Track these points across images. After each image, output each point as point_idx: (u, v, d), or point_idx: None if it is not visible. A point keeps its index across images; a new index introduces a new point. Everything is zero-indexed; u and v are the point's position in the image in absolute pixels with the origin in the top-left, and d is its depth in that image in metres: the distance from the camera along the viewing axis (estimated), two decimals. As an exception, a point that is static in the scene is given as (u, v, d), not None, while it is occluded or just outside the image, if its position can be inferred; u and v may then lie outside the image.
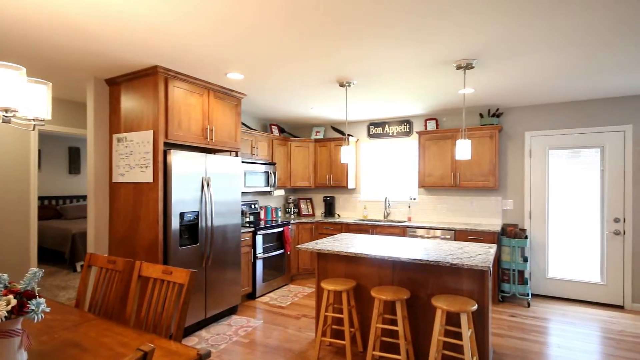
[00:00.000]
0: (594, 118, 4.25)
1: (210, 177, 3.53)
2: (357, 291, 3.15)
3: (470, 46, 2.64)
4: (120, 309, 2.06)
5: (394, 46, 2.65)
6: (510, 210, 4.69)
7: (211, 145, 3.65)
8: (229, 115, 3.88)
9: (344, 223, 5.20)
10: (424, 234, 4.61)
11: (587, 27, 2.31)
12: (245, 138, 4.78)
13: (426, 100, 4.32)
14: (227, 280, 3.76)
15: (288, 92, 3.97)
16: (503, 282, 4.27)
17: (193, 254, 3.38)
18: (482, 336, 2.62)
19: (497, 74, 3.29)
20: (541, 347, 3.12)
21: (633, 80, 3.49)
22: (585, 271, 4.30)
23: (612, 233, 4.16)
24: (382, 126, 5.56)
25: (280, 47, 2.68)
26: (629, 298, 4.07)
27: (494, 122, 4.57)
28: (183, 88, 3.34)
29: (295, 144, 5.71)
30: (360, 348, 3.05)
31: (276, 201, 5.97)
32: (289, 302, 4.28)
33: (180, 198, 3.23)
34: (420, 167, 4.95)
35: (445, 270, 2.76)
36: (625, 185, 4.09)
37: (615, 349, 3.08)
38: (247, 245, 4.30)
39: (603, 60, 2.94)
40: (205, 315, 3.50)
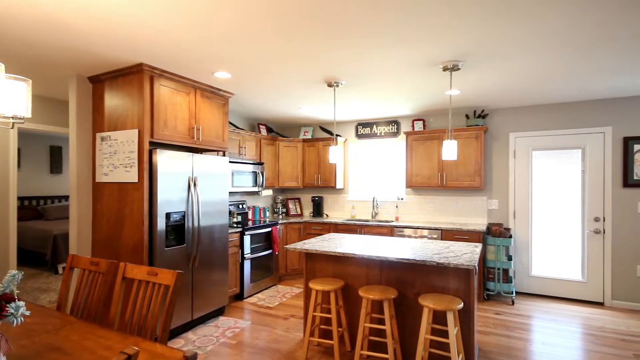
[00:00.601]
0: (575, 120, 4.36)
1: (197, 177, 3.49)
2: (345, 291, 3.15)
3: (456, 48, 2.68)
4: (104, 312, 2.02)
5: (382, 47, 2.67)
6: (495, 209, 4.77)
7: (198, 145, 3.61)
8: (217, 115, 3.84)
9: (332, 223, 5.21)
10: (412, 233, 4.66)
11: (568, 32, 2.37)
12: (232, 138, 4.74)
13: (413, 101, 4.37)
14: (214, 281, 3.72)
15: (276, 91, 3.95)
16: (488, 281, 4.35)
17: (179, 255, 3.33)
18: (468, 334, 2.65)
19: (482, 76, 3.35)
20: (525, 344, 3.19)
21: (612, 83, 3.60)
22: (567, 269, 4.41)
23: (593, 232, 4.28)
24: (370, 126, 5.59)
25: (268, 46, 2.67)
26: (609, 295, 4.19)
27: (480, 123, 4.64)
28: (169, 87, 3.29)
29: (284, 143, 5.69)
30: (348, 347, 3.06)
31: (264, 201, 5.94)
32: (277, 303, 4.26)
33: (166, 198, 3.18)
34: (408, 167, 5.00)
35: (432, 269, 2.79)
36: (605, 185, 4.21)
37: (595, 345, 3.17)
38: (234, 246, 4.27)
39: (583, 64, 3.02)
40: (191, 317, 3.46)
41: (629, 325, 3.60)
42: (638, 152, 4.06)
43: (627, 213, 4.12)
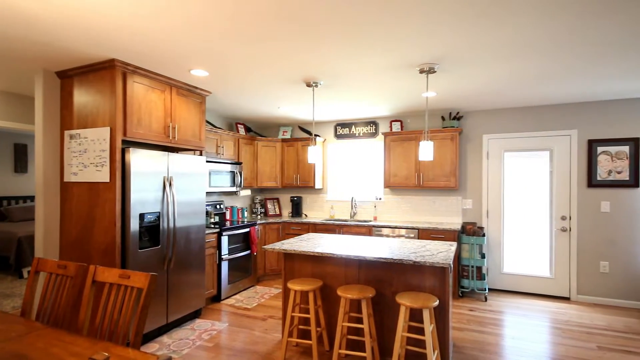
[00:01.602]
0: (544, 123, 4.55)
1: (172, 176, 3.40)
2: (323, 291, 3.16)
3: (432, 52, 2.74)
4: (72, 317, 1.93)
5: (360, 49, 2.69)
6: (469, 209, 4.91)
7: (174, 144, 3.52)
8: (193, 113, 3.76)
9: (311, 223, 5.21)
10: (390, 233, 4.72)
11: (537, 39, 2.47)
12: (210, 137, 4.66)
13: (391, 102, 4.43)
14: (190, 283, 3.64)
15: (255, 90, 3.91)
16: (463, 278, 4.47)
17: (154, 257, 3.24)
18: (443, 330, 2.72)
19: (457, 79, 3.44)
20: (497, 339, 3.29)
21: (578, 88, 3.78)
22: (536, 266, 4.60)
23: (560, 230, 4.48)
24: (348, 127, 5.63)
25: (246, 45, 2.64)
26: (574, 290, 4.40)
27: (455, 124, 4.77)
28: (143, 83, 3.19)
29: (262, 143, 5.64)
30: (326, 347, 3.07)
31: (242, 201, 5.87)
32: (255, 304, 4.22)
33: (140, 198, 3.09)
34: (386, 168, 5.07)
35: (409, 268, 2.84)
36: (571, 185, 4.42)
37: (562, 338, 3.32)
38: (211, 247, 4.19)
39: (551, 70, 3.15)
40: (166, 320, 3.37)
41: (592, 319, 3.78)
42: (601, 154, 4.28)
43: (591, 212, 4.34)
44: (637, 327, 3.57)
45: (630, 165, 4.16)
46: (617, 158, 4.22)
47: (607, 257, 4.27)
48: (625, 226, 4.19)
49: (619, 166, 4.21)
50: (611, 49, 2.67)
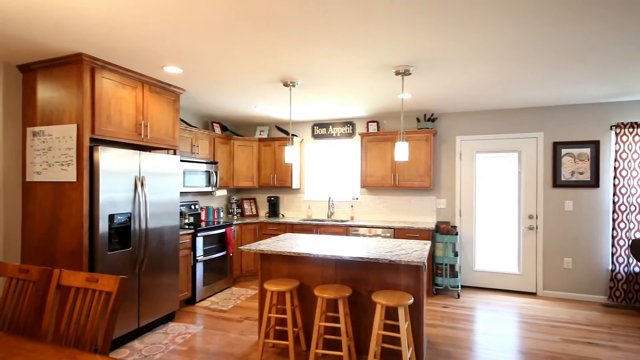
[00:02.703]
0: (513, 125, 4.74)
1: (144, 176, 3.30)
2: (300, 291, 3.15)
3: (408, 54, 2.79)
4: (35, 324, 1.83)
5: (336, 49, 2.71)
6: (443, 208, 5.04)
7: (146, 143, 3.41)
8: (167, 111, 3.66)
9: (288, 223, 5.19)
10: (366, 232, 4.77)
11: (506, 46, 2.57)
12: (184, 136, 4.55)
13: (368, 103, 4.48)
14: (163, 286, 3.54)
15: (231, 89, 3.85)
16: (437, 276, 4.58)
17: (125, 259, 3.12)
18: (418, 327, 2.77)
19: (432, 81, 3.52)
20: (469, 334, 3.40)
21: (544, 93, 3.95)
22: (505, 263, 4.78)
23: (527, 228, 4.67)
24: (326, 127, 5.65)
25: (221, 42, 2.59)
26: (540, 286, 4.60)
27: (429, 126, 4.88)
28: (113, 79, 3.07)
29: (239, 143, 5.57)
30: (303, 347, 3.06)
31: (218, 201, 5.77)
32: (231, 306, 4.15)
33: (110, 199, 2.97)
34: (363, 168, 5.12)
35: (385, 266, 2.88)
36: (538, 185, 4.62)
37: (529, 332, 3.46)
38: (186, 248, 4.09)
39: (519, 75, 3.29)
40: (138, 325, 3.26)
41: (557, 313, 3.97)
42: (565, 156, 4.50)
43: (556, 211, 4.55)
44: (598, 319, 3.78)
45: (592, 166, 4.40)
46: (579, 160, 4.45)
47: (571, 253, 4.49)
48: (587, 224, 4.43)
49: (581, 167, 4.44)
50: (573, 57, 2.81)
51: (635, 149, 4.14)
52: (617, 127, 4.21)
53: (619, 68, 3.09)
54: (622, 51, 2.71)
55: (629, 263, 4.17)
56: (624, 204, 4.18)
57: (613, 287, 4.23)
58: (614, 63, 2.97)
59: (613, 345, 3.16)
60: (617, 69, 3.11)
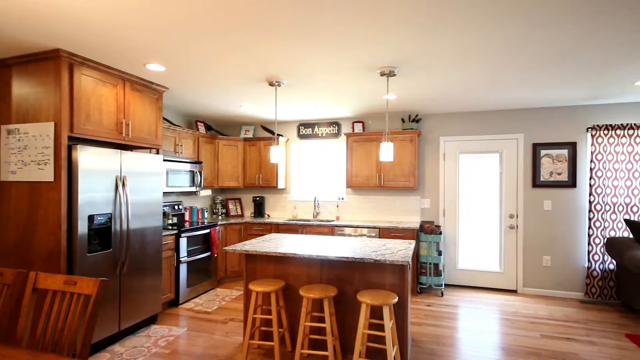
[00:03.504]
0: (494, 127, 4.84)
1: (126, 175, 3.22)
2: (286, 291, 3.14)
3: (392, 55, 2.82)
4: (10, 329, 1.76)
5: (322, 49, 2.71)
6: (427, 208, 5.11)
7: (127, 142, 3.34)
8: (149, 110, 3.59)
9: (274, 223, 5.16)
10: (352, 232, 4.79)
11: (485, 48, 2.62)
12: (167, 135, 4.47)
13: (354, 103, 4.50)
14: (145, 288, 3.47)
15: (215, 88, 3.81)
16: (421, 275, 4.64)
17: (105, 261, 3.05)
18: (402, 326, 2.80)
19: (416, 82, 3.56)
20: (452, 332, 3.46)
21: (523, 95, 4.05)
22: (487, 261, 4.88)
23: (508, 227, 4.78)
24: (311, 127, 5.64)
25: (206, 40, 2.56)
26: (521, 283, 4.72)
27: (414, 126, 4.94)
28: (93, 76, 2.99)
29: (224, 142, 5.51)
30: (289, 348, 3.05)
31: (202, 202, 5.69)
32: (215, 307, 4.10)
33: (89, 199, 2.89)
34: (348, 168, 5.14)
35: (370, 266, 2.90)
36: (518, 185, 4.74)
37: (510, 328, 3.55)
38: (169, 249, 4.02)
39: (499, 77, 3.36)
40: (119, 328, 3.18)
41: (536, 309, 4.08)
42: (544, 157, 4.63)
43: (535, 210, 4.68)
44: (575, 315, 3.91)
45: (569, 167, 4.54)
46: (557, 160, 4.59)
47: (549, 251, 4.62)
48: (565, 223, 4.57)
49: (559, 168, 4.58)
50: (550, 61, 2.90)
51: (610, 151, 4.30)
52: (593, 129, 4.35)
53: (594, 73, 3.20)
54: (596, 57, 2.81)
55: (604, 260, 4.32)
56: (600, 203, 4.33)
57: (589, 284, 4.37)
58: (589, 68, 3.07)
59: (589, 340, 3.27)
60: (592, 73, 3.22)
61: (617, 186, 4.28)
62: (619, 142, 4.27)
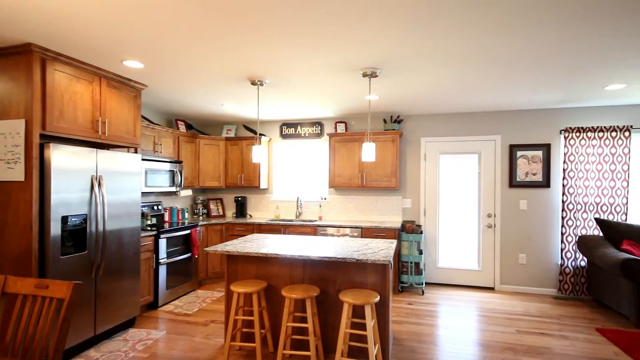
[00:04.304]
0: (473, 128, 4.96)
1: (102, 175, 3.12)
2: (268, 292, 3.12)
3: (374, 56, 2.84)
4: (-24, 336, 1.68)
5: (305, 49, 2.70)
6: (409, 208, 5.18)
7: (104, 140, 3.24)
8: (127, 108, 3.49)
9: (256, 224, 5.12)
10: (334, 232, 4.81)
11: (464, 51, 2.68)
12: (146, 133, 4.36)
13: (336, 103, 4.52)
14: (123, 291, 3.37)
15: (196, 86, 3.74)
16: (402, 274, 4.70)
17: (80, 263, 2.94)
18: (384, 325, 2.83)
19: (398, 84, 3.60)
20: (433, 329, 3.52)
21: (500, 98, 4.17)
22: (466, 260, 4.99)
23: (486, 226, 4.91)
24: (294, 127, 5.63)
25: (186, 37, 2.51)
26: (498, 280, 4.85)
27: (396, 127, 5.00)
28: (67, 72, 2.89)
29: (205, 141, 5.42)
30: (271, 349, 3.03)
31: (183, 202, 5.58)
32: (196, 309, 4.03)
33: (63, 199, 2.79)
34: (331, 168, 5.15)
35: (352, 266, 2.91)
36: (496, 185, 4.87)
37: (487, 325, 3.64)
38: (148, 251, 3.92)
39: (477, 80, 3.44)
40: (94, 332, 3.08)
41: (513, 306, 4.21)
42: (520, 158, 4.78)
43: (512, 210, 4.82)
44: (549, 311, 4.05)
45: (544, 167, 4.69)
46: (532, 161, 4.74)
47: (525, 249, 4.77)
48: (539, 222, 4.72)
49: (534, 169, 4.73)
50: (525, 65, 2.99)
51: (581, 152, 4.47)
52: (565, 131, 4.52)
53: (567, 77, 3.32)
54: (569, 62, 2.91)
55: (576, 258, 4.50)
56: (572, 203, 4.50)
57: (562, 281, 4.54)
58: (562, 73, 3.19)
59: (562, 335, 3.39)
60: (565, 78, 3.34)
61: (588, 186, 4.45)
62: (590, 144, 4.45)
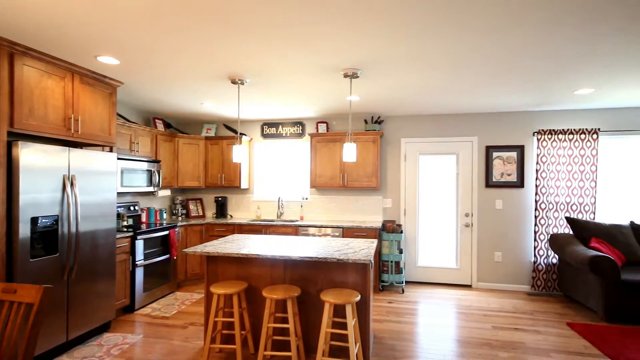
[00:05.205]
0: (451, 130, 5.08)
1: (75, 174, 3.01)
2: (249, 293, 3.09)
3: (355, 57, 2.86)
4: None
5: (286, 48, 2.69)
6: (389, 207, 5.25)
7: (77, 138, 3.12)
8: (101, 105, 3.38)
9: (237, 224, 5.06)
10: (316, 232, 4.81)
11: (441, 54, 2.74)
12: (122, 132, 4.24)
13: (318, 104, 4.52)
14: (97, 294, 3.26)
15: (174, 84, 3.66)
16: (383, 273, 4.75)
17: (51, 266, 2.83)
18: (365, 323, 2.86)
19: (378, 85, 3.64)
20: (412, 327, 3.57)
21: (477, 100, 4.28)
22: (445, 258, 5.10)
23: (464, 225, 5.03)
24: (276, 127, 5.60)
25: (164, 33, 2.45)
26: (475, 278, 4.98)
27: (376, 128, 5.05)
28: (37, 67, 2.77)
29: (184, 140, 5.32)
30: (251, 350, 3.01)
31: (161, 202, 5.45)
32: (174, 311, 3.95)
33: (33, 200, 2.67)
34: (312, 168, 5.16)
35: (334, 265, 2.92)
36: (473, 185, 5.00)
37: (465, 321, 3.73)
38: (124, 252, 3.81)
39: (455, 82, 3.52)
40: (67, 338, 2.97)
41: (489, 302, 4.33)
42: (496, 159, 4.92)
43: (488, 209, 4.96)
44: (523, 307, 4.19)
45: (518, 168, 4.86)
46: (507, 162, 4.90)
47: (500, 248, 4.92)
48: (514, 221, 4.88)
49: (509, 169, 4.89)
50: (500, 68, 3.08)
51: (553, 153, 4.65)
52: (538, 133, 4.69)
53: (539, 81, 3.45)
54: (541, 67, 3.03)
55: (548, 255, 4.67)
56: (544, 202, 4.67)
57: (535, 277, 4.71)
58: (535, 77, 3.31)
59: (535, 330, 3.52)
60: (537, 82, 3.46)
61: (559, 186, 4.64)
62: (561, 145, 4.64)
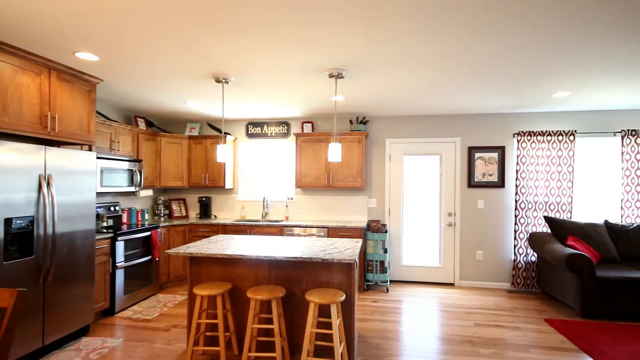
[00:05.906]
0: (435, 130, 5.15)
1: (51, 174, 2.92)
2: (233, 294, 3.06)
3: (340, 57, 2.87)
4: None
5: (270, 47, 2.68)
6: (374, 207, 5.28)
7: (54, 137, 3.02)
8: (80, 103, 3.28)
9: (221, 224, 5.01)
10: (301, 232, 4.80)
11: (425, 56, 2.78)
12: (102, 130, 4.12)
13: (303, 103, 4.51)
14: (75, 297, 3.17)
15: (157, 82, 3.59)
16: (368, 272, 4.78)
17: (26, 269, 2.73)
18: (349, 323, 2.87)
19: (363, 85, 3.66)
20: (397, 326, 3.61)
21: (459, 102, 4.36)
22: (428, 257, 5.17)
23: (447, 225, 5.11)
24: (261, 126, 5.56)
25: (145, 31, 2.40)
26: (458, 276, 5.07)
27: (362, 128, 5.08)
28: (10, 63, 2.67)
29: (166, 139, 5.22)
30: (236, 352, 2.98)
31: (143, 202, 5.34)
32: (156, 314, 3.87)
33: (6, 200, 2.57)
34: (297, 168, 5.14)
35: (318, 265, 2.92)
36: (455, 185, 5.09)
37: (448, 319, 3.79)
38: (103, 254, 3.71)
39: (437, 83, 3.58)
40: (42, 343, 2.87)
41: (471, 300, 4.41)
42: (478, 159, 5.03)
43: (470, 209, 5.06)
44: (503, 304, 4.29)
45: (499, 169, 4.97)
46: (489, 163, 5.00)
47: (482, 246, 5.02)
48: (495, 220, 5.00)
49: (490, 170, 5.00)
50: (481, 71, 3.15)
51: (532, 154, 4.78)
52: (518, 134, 4.81)
53: (519, 84, 3.53)
54: (521, 70, 3.10)
55: (527, 253, 4.80)
56: (524, 202, 4.80)
57: (515, 275, 4.83)
58: (514, 80, 3.39)
59: (515, 326, 3.61)
60: (517, 84, 3.55)
61: (538, 186, 4.77)
62: (539, 146, 4.77)
